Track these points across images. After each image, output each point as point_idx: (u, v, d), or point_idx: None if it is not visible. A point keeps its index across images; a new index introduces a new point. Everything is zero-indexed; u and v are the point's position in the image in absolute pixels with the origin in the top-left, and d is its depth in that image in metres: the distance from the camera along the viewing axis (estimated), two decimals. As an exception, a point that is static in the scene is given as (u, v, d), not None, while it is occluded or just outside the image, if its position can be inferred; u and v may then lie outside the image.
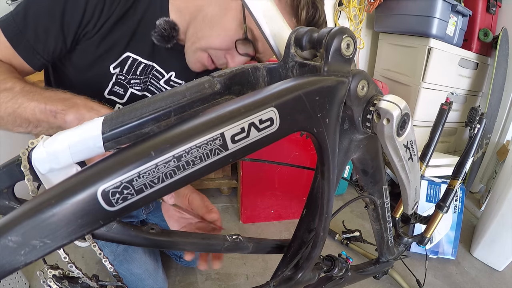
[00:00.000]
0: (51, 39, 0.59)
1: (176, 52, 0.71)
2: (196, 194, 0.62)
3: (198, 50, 0.67)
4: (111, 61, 0.68)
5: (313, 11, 0.63)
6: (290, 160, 1.33)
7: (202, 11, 0.65)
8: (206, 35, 0.65)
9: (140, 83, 0.74)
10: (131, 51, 0.69)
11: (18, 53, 0.58)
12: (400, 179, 0.43)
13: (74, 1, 0.58)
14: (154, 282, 0.96)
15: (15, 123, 0.48)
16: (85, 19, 0.60)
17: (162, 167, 0.22)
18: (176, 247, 0.49)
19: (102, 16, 0.61)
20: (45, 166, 0.29)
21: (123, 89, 0.73)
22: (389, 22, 1.69)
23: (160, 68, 0.74)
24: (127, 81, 0.72)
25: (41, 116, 0.45)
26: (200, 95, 0.32)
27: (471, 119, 0.74)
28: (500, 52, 1.53)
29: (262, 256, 1.22)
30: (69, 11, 0.59)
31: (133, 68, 0.71)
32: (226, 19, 0.63)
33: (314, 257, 0.48)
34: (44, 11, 0.58)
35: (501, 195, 1.21)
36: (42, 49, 0.59)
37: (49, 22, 0.58)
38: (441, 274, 1.20)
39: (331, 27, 0.32)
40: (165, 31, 0.65)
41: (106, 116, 0.29)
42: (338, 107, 0.32)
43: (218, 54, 0.67)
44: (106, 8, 0.61)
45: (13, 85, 0.49)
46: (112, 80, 0.71)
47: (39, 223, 0.19)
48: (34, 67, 0.61)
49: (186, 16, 0.67)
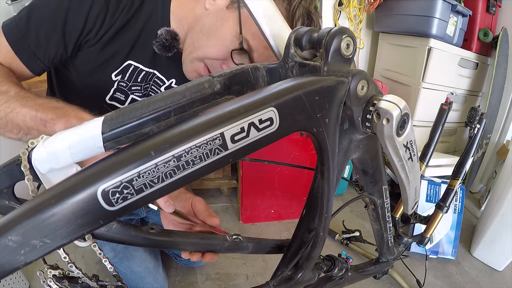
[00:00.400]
0: (52, 45, 0.60)
1: (176, 60, 0.72)
2: (199, 199, 0.63)
3: (195, 59, 0.68)
4: (112, 69, 0.69)
5: (308, 22, 0.63)
6: (290, 160, 1.33)
7: (200, 21, 0.66)
8: (203, 45, 0.65)
9: (141, 89, 0.75)
10: (133, 59, 0.70)
11: (19, 57, 0.58)
12: (400, 179, 0.43)
13: (77, 10, 0.59)
14: (154, 280, 0.96)
15: (6, 127, 0.48)
16: (87, 27, 0.61)
17: (162, 167, 0.22)
18: (176, 247, 0.49)
19: (104, 25, 0.62)
20: (45, 166, 0.29)
21: (124, 95, 0.74)
22: (389, 22, 1.69)
23: (161, 76, 0.75)
24: (128, 88, 0.73)
25: (31, 123, 0.45)
26: (200, 95, 0.32)
27: (471, 119, 0.74)
28: (500, 52, 1.53)
29: (262, 256, 1.22)
30: (71, 19, 0.59)
31: (134, 75, 0.72)
32: (223, 30, 0.63)
33: (314, 257, 0.48)
34: (47, 18, 0.58)
35: (501, 195, 1.21)
36: (43, 55, 0.60)
37: (50, 29, 0.59)
38: (441, 274, 1.20)
39: (330, 27, 0.32)
40: (166, 41, 0.66)
41: (106, 116, 0.29)
42: (337, 107, 0.32)
43: (215, 64, 0.68)
44: (108, 17, 0.62)
45: (8, 89, 0.50)
46: (113, 87, 0.72)
47: (39, 223, 0.19)
48: (34, 72, 0.61)
49: (185, 26, 0.68)
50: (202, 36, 0.65)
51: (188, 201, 0.62)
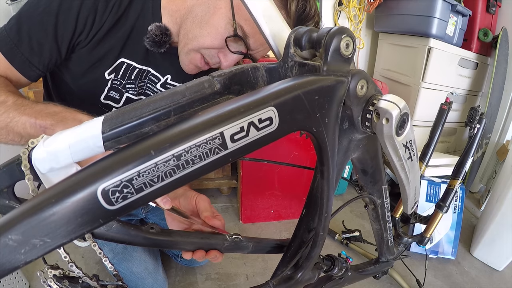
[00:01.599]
0: (46, 51, 0.60)
1: (170, 56, 0.72)
2: (204, 197, 0.62)
3: (191, 51, 0.68)
4: (105, 68, 0.69)
5: (303, 3, 0.63)
6: (290, 160, 1.33)
7: (192, 12, 0.66)
8: (197, 35, 0.65)
9: (135, 87, 0.75)
10: (125, 57, 0.70)
11: (14, 66, 0.59)
12: (399, 179, 0.43)
13: (66, 13, 0.59)
14: (154, 281, 0.96)
15: (8, 136, 0.49)
16: (78, 29, 0.62)
17: (161, 166, 0.22)
18: (176, 246, 0.49)
19: (94, 25, 0.62)
20: (45, 165, 0.29)
21: (119, 93, 0.74)
22: (389, 22, 1.69)
23: (156, 72, 0.75)
24: (122, 86, 0.73)
25: (32, 131, 0.46)
26: (200, 95, 0.32)
27: (471, 119, 0.74)
28: (500, 52, 1.53)
29: (262, 256, 1.22)
30: (61, 24, 0.59)
31: (127, 73, 0.72)
32: (215, 17, 0.63)
33: (313, 257, 0.48)
34: (37, 24, 0.58)
35: (501, 195, 1.21)
36: (37, 61, 0.60)
37: (42, 35, 0.59)
38: (441, 274, 1.20)
39: (330, 27, 0.32)
40: (156, 36, 0.66)
41: (106, 116, 0.29)
42: (337, 106, 0.32)
43: (211, 53, 0.68)
44: (97, 18, 0.62)
45: (6, 99, 0.50)
46: (107, 86, 0.72)
47: (39, 222, 0.19)
48: (29, 78, 0.62)
49: (177, 19, 0.68)
50: (195, 27, 0.65)
51: (192, 199, 0.61)
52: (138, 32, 0.67)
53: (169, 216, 0.63)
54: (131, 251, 0.94)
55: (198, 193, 0.63)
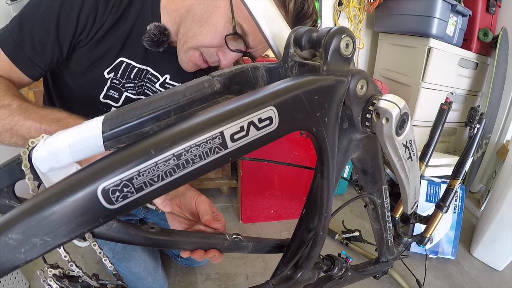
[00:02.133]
0: (48, 50, 0.61)
1: (169, 55, 0.72)
2: (204, 198, 0.61)
3: (190, 49, 0.68)
4: (105, 67, 0.70)
5: (301, 1, 0.63)
6: (289, 159, 1.33)
7: (191, 11, 0.66)
8: (197, 34, 0.65)
9: (134, 86, 0.75)
10: (125, 56, 0.70)
11: (17, 66, 0.59)
12: (399, 179, 0.43)
13: (68, 12, 0.60)
14: (153, 281, 0.95)
15: (12, 139, 0.49)
16: (79, 29, 0.62)
17: (162, 165, 0.22)
18: (176, 246, 0.49)
19: (94, 25, 0.63)
20: (45, 165, 0.29)
21: (118, 93, 0.74)
22: (389, 22, 1.69)
23: (155, 72, 0.76)
24: (122, 85, 0.74)
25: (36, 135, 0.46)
26: (200, 95, 0.32)
27: (471, 119, 0.74)
28: (500, 52, 1.53)
29: (261, 255, 1.22)
30: (63, 23, 0.60)
31: (127, 72, 0.72)
32: (215, 16, 0.64)
33: (313, 257, 0.48)
34: (39, 24, 0.59)
35: (501, 195, 1.21)
36: (40, 60, 0.61)
37: (44, 34, 0.59)
38: (441, 274, 1.20)
39: (330, 27, 0.32)
40: (154, 36, 0.66)
41: (106, 115, 0.29)
42: (337, 106, 0.32)
43: (210, 51, 0.68)
44: (98, 17, 0.63)
45: (11, 102, 0.51)
46: (107, 85, 0.72)
47: (39, 221, 0.19)
48: (32, 77, 0.62)
49: (176, 19, 0.69)
50: (195, 25, 0.66)
51: (193, 201, 0.61)
52: (137, 32, 0.68)
53: (170, 216, 0.63)
54: (130, 250, 0.94)
55: (199, 193, 0.62)
